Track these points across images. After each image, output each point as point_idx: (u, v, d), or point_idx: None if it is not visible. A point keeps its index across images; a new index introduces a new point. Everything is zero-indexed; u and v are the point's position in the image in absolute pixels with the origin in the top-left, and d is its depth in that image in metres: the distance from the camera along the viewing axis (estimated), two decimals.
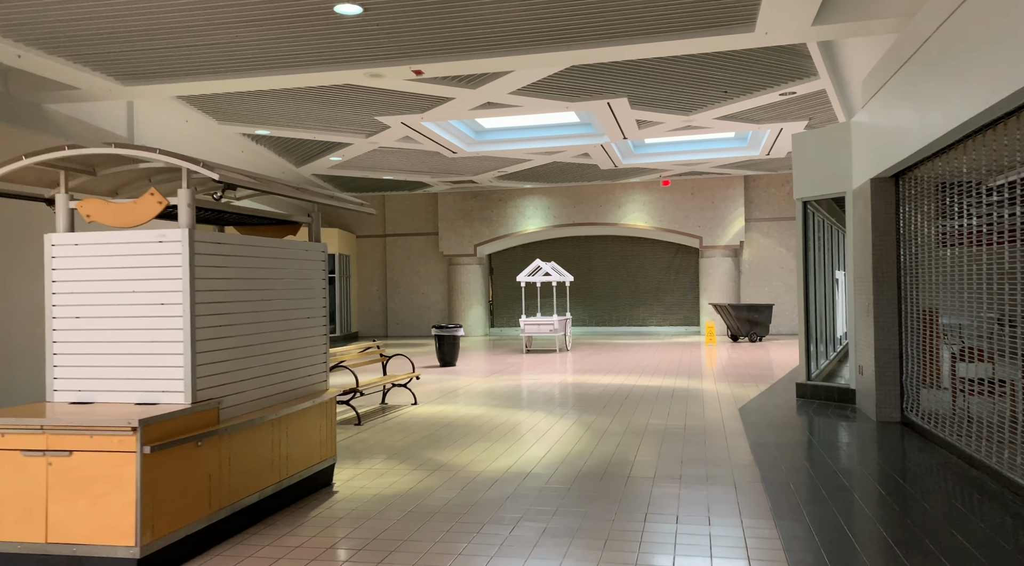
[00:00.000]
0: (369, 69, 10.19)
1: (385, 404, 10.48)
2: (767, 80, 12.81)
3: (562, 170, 21.55)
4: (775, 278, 23.63)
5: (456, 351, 15.72)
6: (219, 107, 13.94)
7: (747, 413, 9.32)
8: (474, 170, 21.13)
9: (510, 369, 14.94)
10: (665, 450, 7.29)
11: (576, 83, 12.73)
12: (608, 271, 25.41)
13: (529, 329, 18.08)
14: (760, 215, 23.76)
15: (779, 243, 23.61)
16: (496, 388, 12.10)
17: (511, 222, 25.05)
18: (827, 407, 9.63)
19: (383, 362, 10.59)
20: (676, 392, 11.29)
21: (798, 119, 15.62)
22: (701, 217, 23.70)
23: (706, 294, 23.63)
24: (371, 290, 26.52)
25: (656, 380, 12.76)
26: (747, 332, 20.63)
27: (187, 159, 4.50)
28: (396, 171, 21.17)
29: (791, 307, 23.51)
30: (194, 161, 4.50)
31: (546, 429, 8.47)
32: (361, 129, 15.84)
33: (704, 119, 15.44)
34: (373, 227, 26.43)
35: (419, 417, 9.42)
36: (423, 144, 17.25)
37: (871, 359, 8.74)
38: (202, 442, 4.57)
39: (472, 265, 25.37)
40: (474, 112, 14.35)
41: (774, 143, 18.16)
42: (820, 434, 7.98)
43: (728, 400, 10.42)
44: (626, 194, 24.24)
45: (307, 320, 5.96)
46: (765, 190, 23.71)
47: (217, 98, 13.31)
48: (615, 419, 9.03)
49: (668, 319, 24.97)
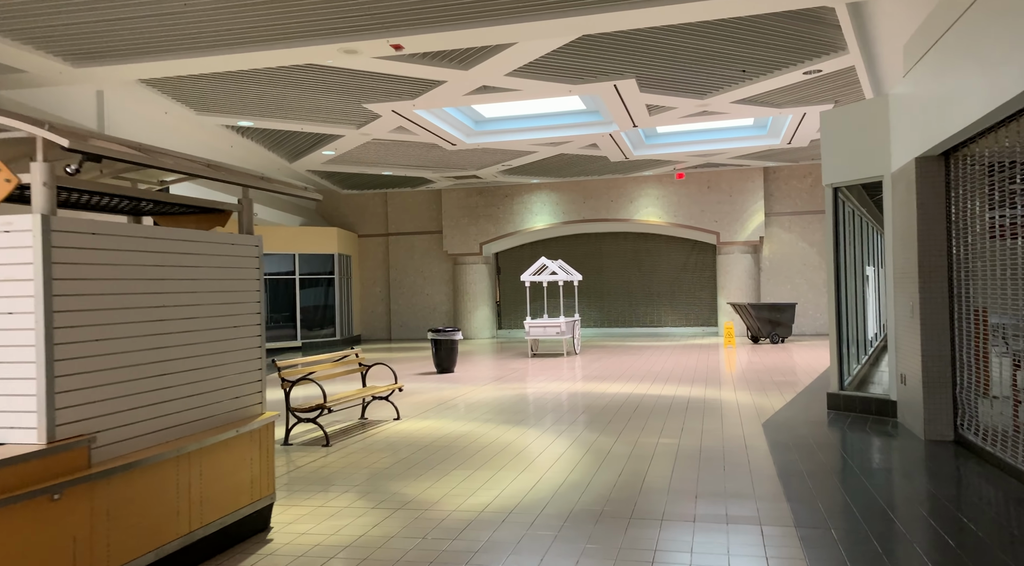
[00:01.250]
0: (342, 44, 9.11)
1: (364, 419, 9.40)
2: (790, 56, 11.59)
3: (570, 163, 20.39)
4: (797, 275, 22.34)
5: (454, 356, 14.62)
6: (196, 96, 12.94)
7: (772, 429, 8.14)
8: (477, 164, 20.03)
9: (512, 376, 13.82)
10: (677, 479, 6.14)
11: (579, 62, 11.59)
12: (620, 269, 24.22)
13: (535, 332, 16.95)
14: (781, 209, 22.47)
15: (801, 238, 22.31)
16: (493, 399, 10.99)
17: (518, 219, 23.93)
18: (863, 422, 8.43)
19: (362, 372, 9.51)
20: (691, 402, 10.12)
21: (823, 102, 14.37)
22: (718, 211, 22.45)
23: (724, 293, 22.38)
24: (374, 291, 25.50)
25: (669, 388, 11.59)
26: (768, 333, 19.38)
27: (33, 122, 3.42)
28: (395, 166, 20.11)
29: (815, 306, 22.20)
30: (40, 124, 3.42)
31: (540, 451, 7.34)
32: (350, 119, 14.78)
33: (720, 103, 14.23)
34: (375, 226, 25.41)
35: (398, 436, 8.32)
36: (420, 135, 16.17)
37: (917, 367, 7.54)
38: (61, 494, 3.48)
39: (478, 264, 24.28)
40: (469, 98, 13.24)
41: (796, 130, 16.90)
42: (860, 457, 6.79)
43: (750, 412, 9.24)
44: (638, 188, 23.05)
45: (234, 330, 4.88)
46: (786, 182, 22.42)
47: (193, 87, 12.29)
48: (620, 438, 7.88)
49: (684, 320, 23.73)
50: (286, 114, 14.33)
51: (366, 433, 8.50)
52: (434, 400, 10.97)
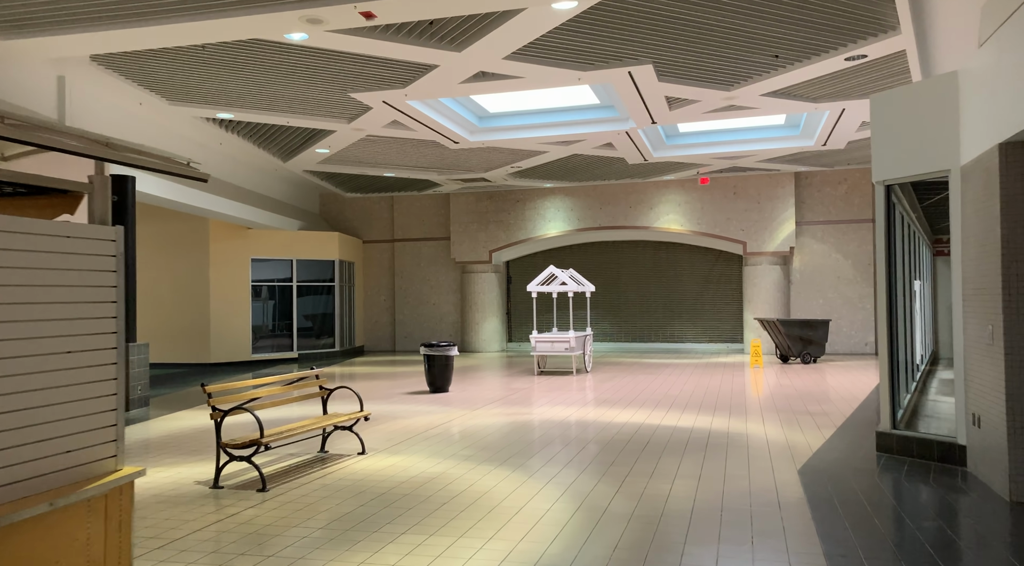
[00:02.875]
0: (303, 11, 7.77)
1: (324, 452, 8.00)
2: (831, 38, 10.09)
3: (585, 165, 18.95)
4: (830, 289, 20.66)
5: (448, 374, 13.21)
6: (165, 83, 11.70)
7: (812, 479, 6.61)
8: (484, 165, 18.66)
9: (512, 397, 12.37)
10: (690, 558, 4.66)
11: (587, 44, 10.17)
12: (639, 280, 22.69)
13: (541, 347, 15.49)
14: (813, 217, 20.83)
15: (835, 249, 20.64)
16: (483, 427, 9.55)
17: (530, 225, 22.51)
18: (924, 471, 6.87)
19: (323, 397, 8.12)
20: (712, 437, 8.61)
21: (865, 94, 12.81)
22: (745, 219, 20.86)
23: (750, 307, 20.75)
24: (378, 300, 24.20)
25: (688, 417, 10.07)
26: (799, 352, 17.74)
27: None
28: (396, 167, 18.80)
29: (849, 323, 20.50)
30: None
31: (520, 505, 5.89)
32: (340, 112, 13.47)
33: (748, 97, 12.74)
34: (381, 231, 24.13)
35: (354, 478, 6.91)
36: (418, 131, 14.84)
37: (998, 407, 5.99)
38: None
39: (487, 273, 22.88)
40: (466, 87, 11.87)
41: (832, 130, 15.32)
42: (928, 525, 5.26)
43: (782, 452, 7.71)
44: (659, 194, 21.54)
45: (67, 357, 3.51)
46: (819, 189, 20.78)
47: (161, 72, 11.03)
48: (624, 487, 6.40)
49: (707, 335, 22.12)
50: (268, 106, 13.06)
51: (317, 473, 7.10)
52: (415, 428, 9.55)
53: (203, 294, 19.64)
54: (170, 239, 19.91)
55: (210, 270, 19.64)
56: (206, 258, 19.68)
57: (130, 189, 12.10)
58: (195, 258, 19.75)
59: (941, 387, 12.38)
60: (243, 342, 20.07)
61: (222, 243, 19.85)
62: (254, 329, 20.31)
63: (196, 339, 19.64)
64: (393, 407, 11.44)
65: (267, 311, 20.62)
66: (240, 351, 20.02)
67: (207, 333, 19.56)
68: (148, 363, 12.18)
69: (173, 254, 19.88)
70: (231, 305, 19.90)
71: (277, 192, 20.78)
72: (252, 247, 20.32)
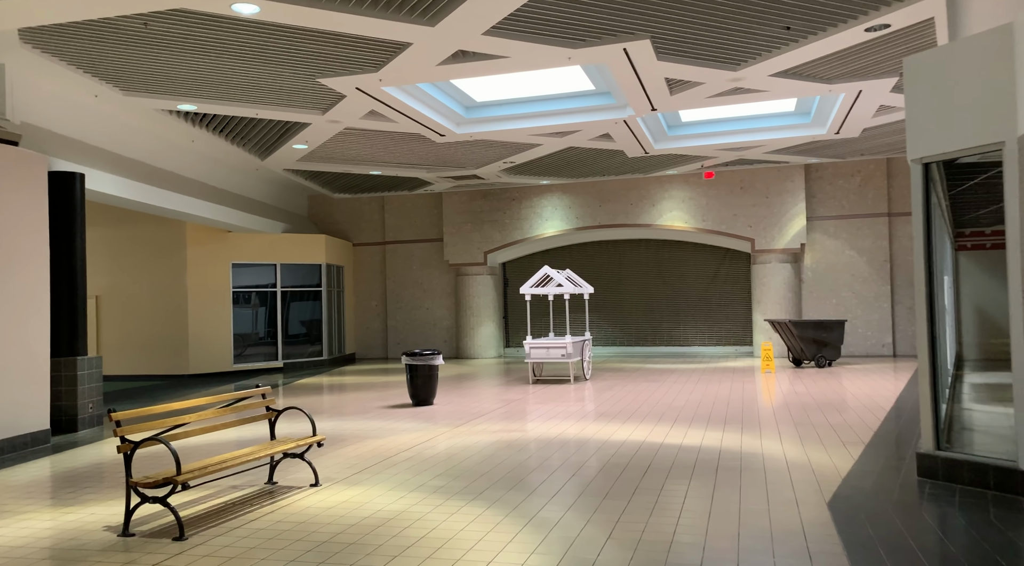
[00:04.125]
0: None
1: (273, 484, 6.90)
2: (850, 5, 8.96)
3: (582, 160, 17.84)
4: (844, 288, 19.49)
5: (433, 385, 12.11)
6: (114, 71, 10.59)
7: (845, 516, 5.48)
8: (474, 161, 17.57)
9: (501, 411, 11.26)
10: None
11: (577, 16, 9.06)
12: (641, 281, 21.55)
13: (536, 354, 14.37)
14: (825, 212, 19.67)
15: (849, 245, 19.48)
16: (462, 449, 8.45)
17: (527, 225, 21.40)
18: (980, 503, 5.73)
19: (271, 419, 7.01)
20: (724, 458, 7.48)
21: (884, 74, 11.69)
22: (753, 215, 19.72)
23: (760, 308, 19.60)
24: (369, 305, 23.11)
25: (695, 433, 8.93)
26: (813, 355, 16.58)
27: None
28: (382, 164, 17.72)
29: (864, 323, 19.32)
30: None
31: (487, 560, 4.77)
32: (311, 101, 12.40)
33: (757, 77, 11.62)
34: (371, 233, 23.05)
35: (295, 520, 5.80)
36: (400, 123, 13.76)
37: None
38: None
39: (482, 275, 21.77)
40: (446, 69, 10.78)
41: (847, 115, 14.19)
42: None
43: (805, 478, 6.57)
44: (661, 189, 20.40)
45: None
46: (831, 182, 19.62)
47: (106, 58, 9.94)
48: (618, 529, 5.28)
49: (713, 338, 20.96)
50: (233, 96, 12.00)
51: (253, 513, 5.99)
52: (386, 450, 8.45)
53: (180, 301, 18.58)
54: (144, 243, 18.86)
55: (187, 276, 18.57)
56: (183, 263, 18.62)
57: (78, 187, 11.04)
58: (171, 263, 18.70)
59: (977, 394, 11.20)
60: (224, 352, 18.99)
61: (200, 247, 18.80)
62: (236, 338, 19.24)
63: (173, 349, 18.57)
64: (368, 424, 10.33)
65: (249, 319, 19.56)
66: (221, 362, 18.95)
67: (185, 343, 18.49)
68: (101, 378, 11.10)
69: (148, 259, 18.84)
70: (210, 313, 18.84)
71: (259, 193, 19.72)
72: (232, 251, 19.26)
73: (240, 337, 19.33)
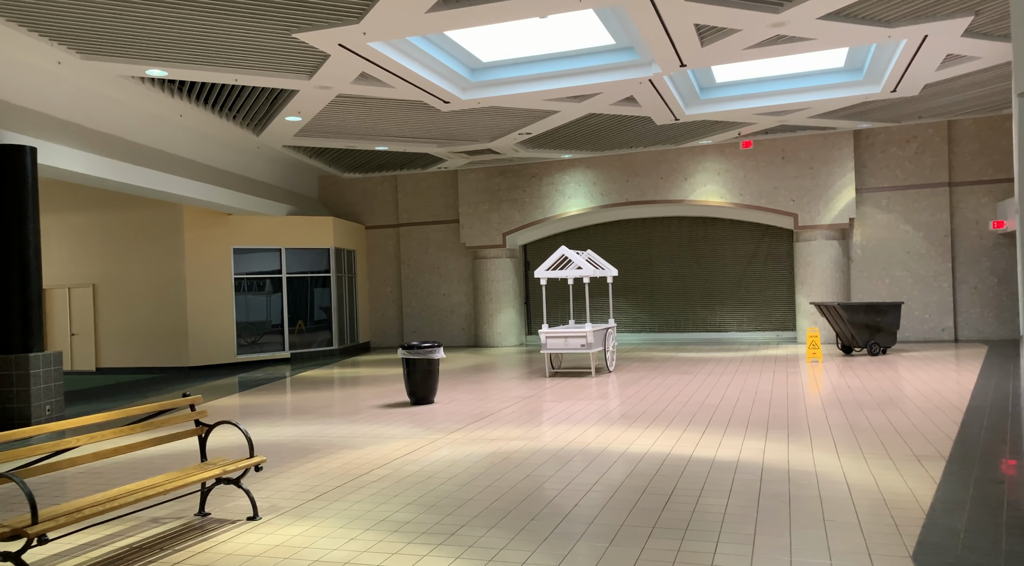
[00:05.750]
0: None
1: (205, 515, 5.59)
2: None
3: (605, 129, 16.24)
4: (898, 266, 17.65)
5: (432, 381, 10.75)
6: (66, 30, 9.32)
7: None
8: (487, 132, 16.08)
9: (508, 411, 9.86)
10: None
11: None
12: (673, 262, 19.93)
13: (552, 344, 12.92)
14: (877, 183, 17.82)
15: (903, 219, 17.62)
16: (448, 465, 7.07)
17: (548, 204, 19.89)
18: None
19: (201, 435, 5.68)
20: (767, 480, 5.98)
21: (956, 12, 9.91)
22: (796, 188, 17.95)
23: (804, 289, 17.87)
24: (384, 291, 21.85)
25: (731, 441, 7.43)
26: (865, 342, 14.86)
27: None
28: (387, 138, 16.34)
29: (922, 305, 17.48)
30: None
31: None
32: (293, 63, 11.04)
33: (802, 21, 9.93)
34: (385, 215, 21.75)
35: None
36: (398, 89, 12.34)
37: None
38: None
39: (501, 259, 20.35)
40: (437, 18, 9.30)
41: (906, 70, 12.40)
42: None
43: (876, 514, 5.05)
44: (695, 161, 18.71)
45: None
46: (884, 149, 17.74)
47: (55, 15, 8.68)
48: None
49: (753, 323, 19.28)
50: (205, 59, 10.68)
51: (167, 559, 4.68)
52: (358, 465, 7.10)
53: (178, 289, 17.49)
54: (139, 228, 17.79)
55: (185, 262, 17.46)
56: (180, 248, 17.50)
57: (29, 162, 9.84)
58: (168, 249, 17.60)
59: None
60: (226, 342, 17.89)
61: (198, 231, 17.66)
62: (239, 327, 18.12)
63: (173, 341, 17.52)
64: (351, 429, 9.01)
65: (253, 307, 18.41)
66: (223, 353, 17.85)
67: (184, 333, 17.41)
68: (61, 376, 9.95)
69: (143, 245, 17.77)
70: (211, 301, 17.73)
71: (263, 174, 18.50)
72: (233, 235, 18.10)
73: (242, 327, 18.19)
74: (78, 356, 18.28)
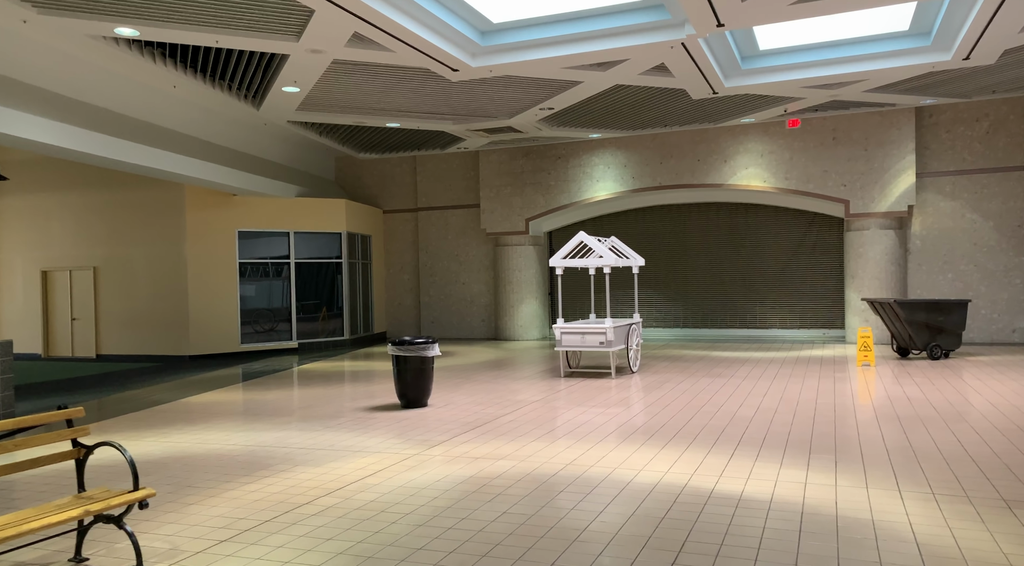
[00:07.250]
0: None
1: (82, 560, 4.40)
2: None
3: (635, 104, 14.74)
4: (963, 259, 15.85)
5: (425, 382, 9.49)
6: None
7: None
8: (505, 107, 14.73)
9: (507, 419, 8.55)
10: None
11: None
12: (710, 252, 18.36)
13: (568, 340, 11.57)
14: (940, 167, 16.00)
15: (971, 207, 15.79)
16: (410, 493, 5.81)
17: (574, 187, 18.46)
18: None
19: (79, 457, 4.48)
20: (807, 531, 4.57)
21: None
22: (848, 172, 16.23)
23: (854, 284, 16.18)
24: (401, 279, 20.69)
25: (764, 470, 6.01)
26: (924, 344, 13.19)
27: None
28: (397, 113, 15.09)
29: (990, 303, 15.67)
30: None
31: None
32: (275, 20, 9.81)
33: None
34: (403, 199, 20.56)
35: None
36: (399, 54, 11.07)
37: None
38: None
39: (524, 246, 19.01)
40: None
41: (983, 33, 10.69)
42: None
43: None
44: (735, 142, 17.10)
45: None
46: (949, 129, 15.91)
47: None
48: None
49: (797, 320, 17.64)
50: (176, 15, 9.52)
51: None
52: (301, 490, 5.87)
53: (179, 274, 16.54)
54: (139, 208, 16.88)
55: (187, 245, 16.49)
56: (182, 230, 16.54)
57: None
58: (168, 230, 16.65)
59: None
60: (230, 331, 16.91)
61: (201, 213, 16.68)
62: (243, 315, 17.12)
63: (173, 328, 16.59)
64: (319, 438, 7.80)
65: (259, 294, 17.40)
66: (227, 341, 16.88)
67: (185, 320, 16.47)
68: (11, 367, 8.94)
69: (144, 226, 16.86)
70: (214, 287, 16.76)
71: (273, 153, 17.43)
72: (238, 218, 17.08)
73: (247, 315, 17.19)
74: (79, 342, 17.50)
